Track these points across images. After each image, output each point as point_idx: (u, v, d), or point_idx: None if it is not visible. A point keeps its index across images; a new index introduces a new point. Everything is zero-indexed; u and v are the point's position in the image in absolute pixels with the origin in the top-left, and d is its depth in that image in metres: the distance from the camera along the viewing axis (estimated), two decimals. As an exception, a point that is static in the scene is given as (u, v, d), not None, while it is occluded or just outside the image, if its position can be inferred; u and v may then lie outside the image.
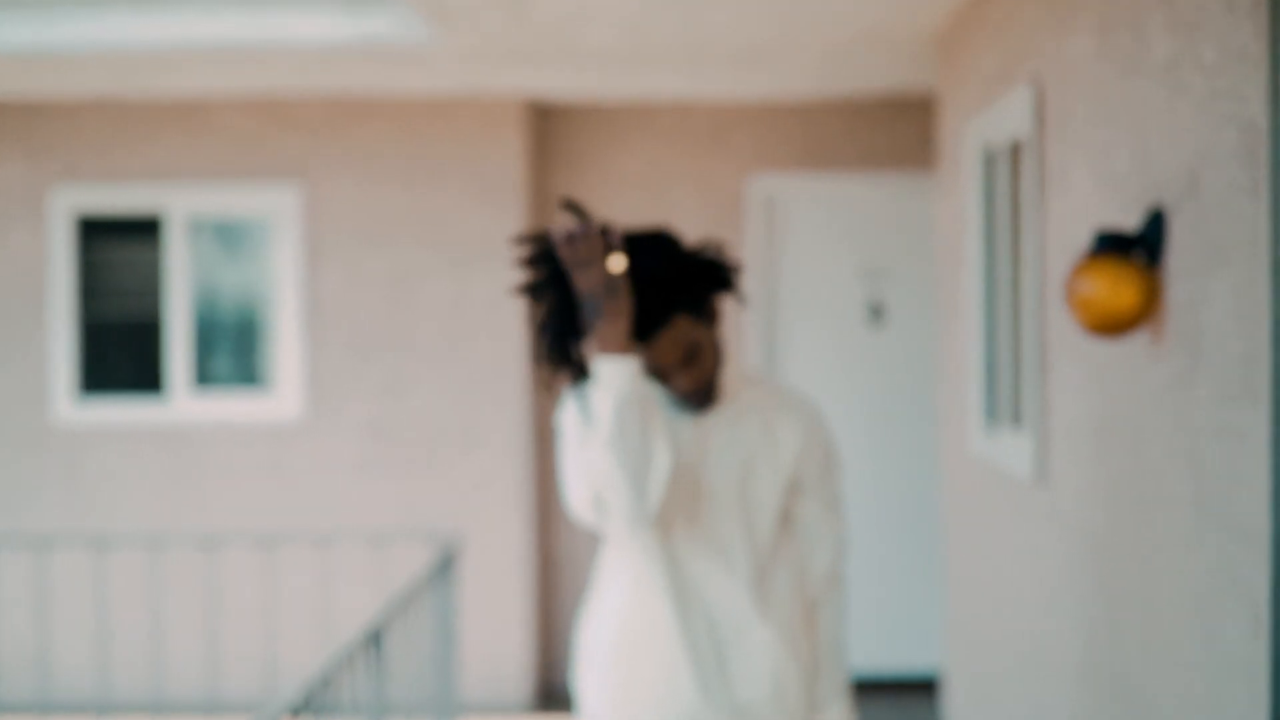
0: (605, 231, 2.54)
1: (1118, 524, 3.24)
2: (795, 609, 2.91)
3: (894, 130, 7.09)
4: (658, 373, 2.76)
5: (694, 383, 2.76)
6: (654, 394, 2.74)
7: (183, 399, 6.98)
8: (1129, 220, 3.12)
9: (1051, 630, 3.89)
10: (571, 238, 2.51)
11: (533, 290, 2.67)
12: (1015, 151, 4.39)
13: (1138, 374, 3.08)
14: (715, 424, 2.87)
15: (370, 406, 6.94)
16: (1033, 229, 4.00)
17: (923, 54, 5.95)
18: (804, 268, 7.13)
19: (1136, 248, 2.94)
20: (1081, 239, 3.53)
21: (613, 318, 2.54)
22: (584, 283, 2.52)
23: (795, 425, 2.90)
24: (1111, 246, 2.95)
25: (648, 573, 2.83)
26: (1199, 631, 2.71)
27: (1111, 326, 2.93)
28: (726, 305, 6.96)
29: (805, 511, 2.93)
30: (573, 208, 2.62)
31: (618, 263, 2.56)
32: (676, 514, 2.83)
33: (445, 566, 5.55)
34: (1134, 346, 3.10)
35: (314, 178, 6.95)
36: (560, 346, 2.66)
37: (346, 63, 6.24)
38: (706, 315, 2.78)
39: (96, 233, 7.03)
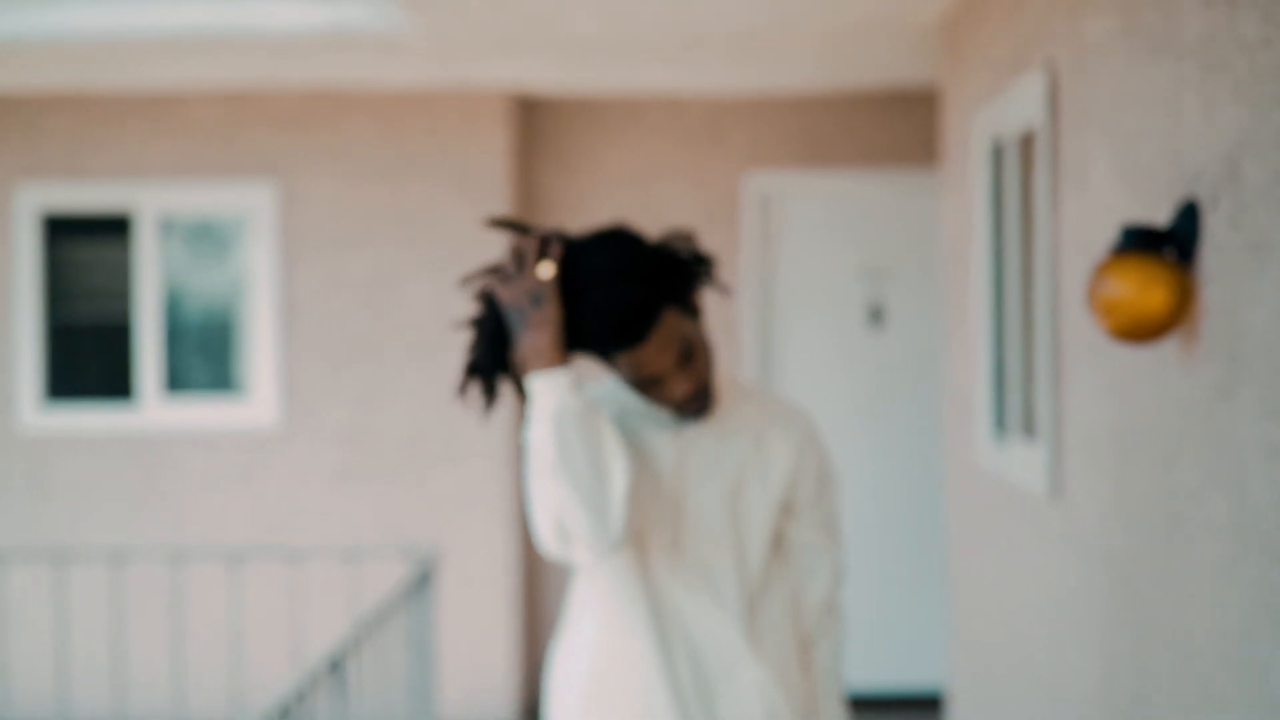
0: (545, 240, 2.39)
1: (1144, 547, 2.96)
2: (789, 643, 2.62)
3: (895, 125, 6.88)
4: (653, 383, 2.48)
5: (692, 384, 2.49)
6: (600, 403, 2.51)
7: (153, 406, 6.73)
8: (1157, 214, 2.84)
9: (1067, 657, 3.62)
10: (513, 258, 2.39)
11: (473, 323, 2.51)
12: (1026, 143, 4.11)
13: (1167, 383, 2.80)
14: (699, 438, 2.59)
15: (348, 414, 6.70)
16: (1045, 226, 3.73)
17: (925, 43, 5.71)
18: (801, 268, 6.92)
19: (1167, 244, 2.66)
20: (1100, 236, 3.26)
21: (538, 327, 2.35)
22: (507, 293, 2.37)
23: (788, 440, 2.62)
24: (1139, 243, 2.66)
25: (624, 605, 2.55)
26: (1238, 668, 2.43)
27: (1140, 331, 2.65)
28: (717, 309, 6.71)
29: (799, 536, 2.65)
30: (506, 225, 2.46)
31: (545, 270, 2.38)
32: (654, 539, 2.55)
33: (422, 583, 5.28)
34: (1164, 353, 2.82)
35: (289, 175, 6.71)
36: (492, 363, 2.47)
37: (322, 53, 6.05)
38: (692, 310, 2.53)
39: (63, 232, 6.80)
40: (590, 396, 2.47)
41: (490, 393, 2.47)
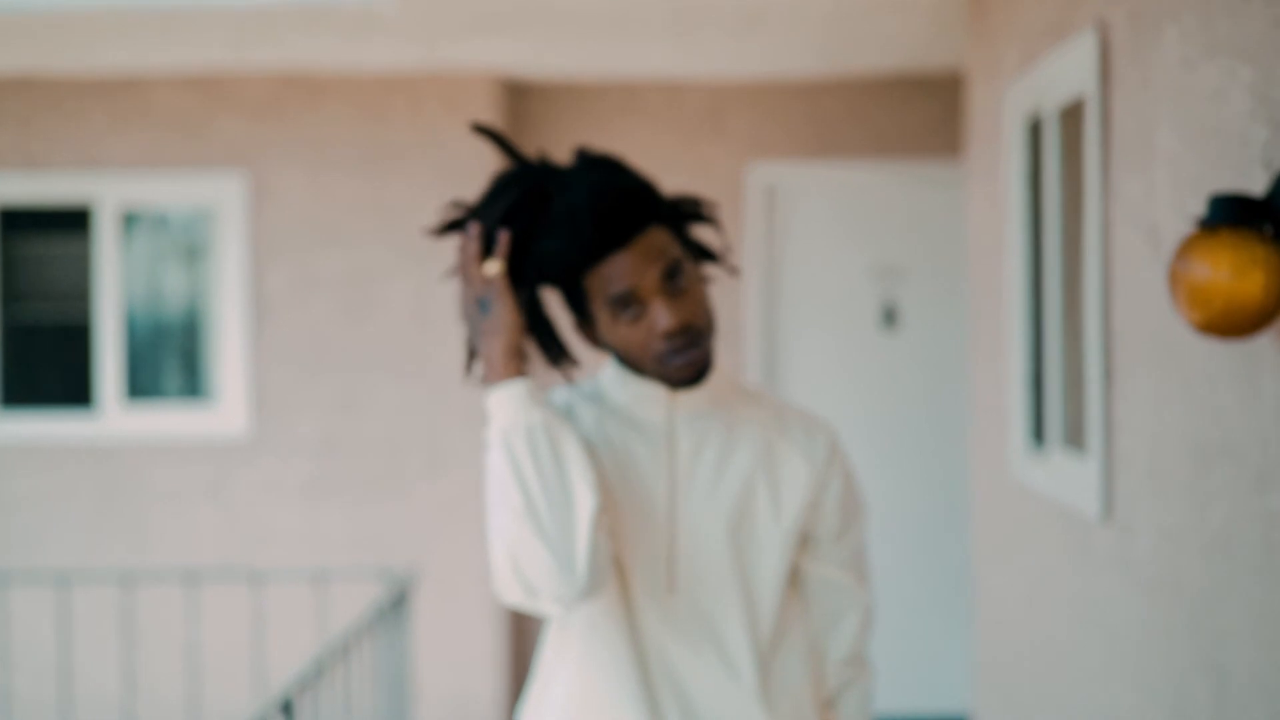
0: (489, 232, 2.05)
1: (1227, 582, 2.50)
2: (809, 707, 2.14)
3: (910, 111, 6.51)
4: (629, 310, 2.05)
5: (679, 318, 2.04)
6: (572, 410, 2.10)
7: (114, 413, 6.31)
8: (1244, 184, 2.38)
9: (1118, 696, 3.16)
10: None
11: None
12: (1068, 116, 3.64)
13: (1261, 387, 2.34)
14: (696, 453, 2.12)
15: (322, 422, 6.28)
16: (1095, 205, 3.27)
17: (944, 18, 5.29)
18: (809, 266, 6.54)
19: (1264, 219, 2.19)
20: (1167, 214, 2.80)
21: (488, 336, 2.02)
22: (461, 295, 2.08)
23: (806, 457, 2.15)
24: (1232, 216, 2.20)
25: (604, 661, 2.08)
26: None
27: (1232, 323, 2.18)
28: (718, 311, 6.28)
29: (819, 575, 2.17)
30: (491, 136, 2.13)
31: (491, 267, 2.05)
32: (642, 580, 2.08)
33: (396, 607, 4.82)
34: (1256, 350, 2.36)
35: (259, 165, 6.31)
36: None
37: (294, 33, 5.67)
38: (689, 244, 2.14)
39: (18, 226, 6.43)
40: (555, 408, 2.06)
41: (554, 356, 2.16)
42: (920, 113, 6.47)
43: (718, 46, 5.94)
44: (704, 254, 2.17)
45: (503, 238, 2.03)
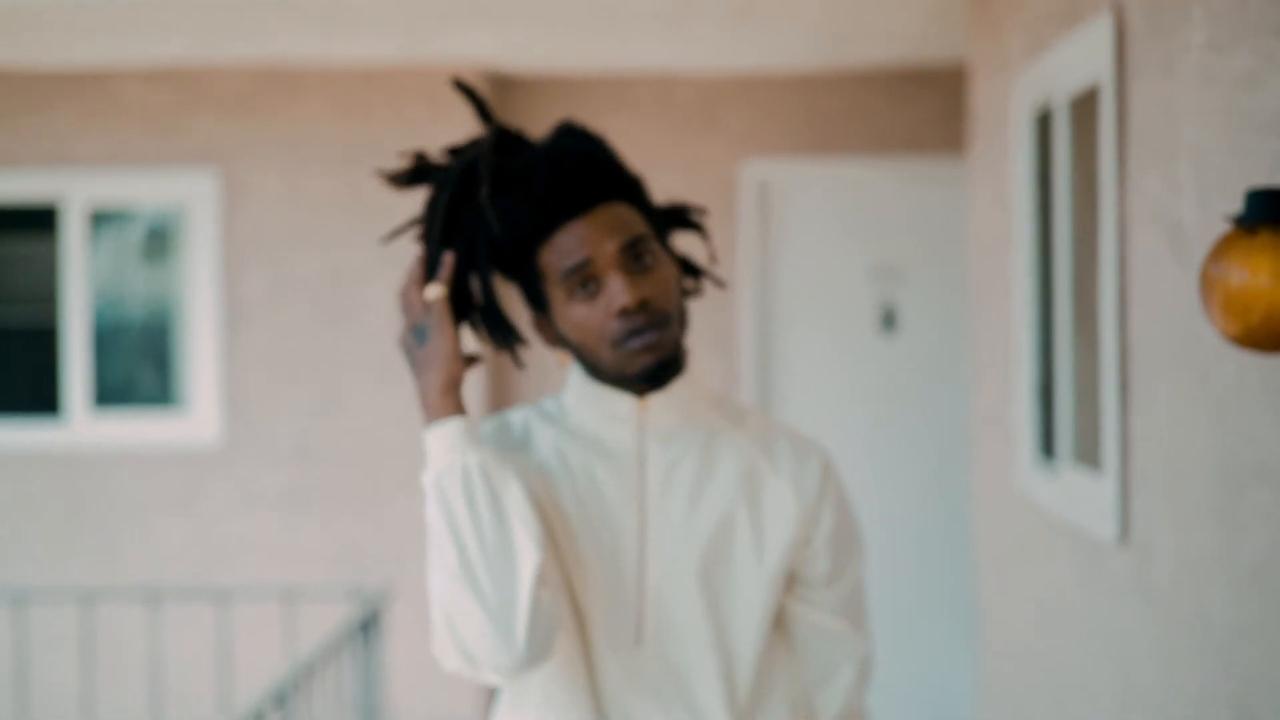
0: (433, 253, 1.85)
1: (1258, 619, 2.26)
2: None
3: (909, 106, 6.29)
4: (586, 287, 1.84)
5: (637, 294, 1.81)
6: (506, 463, 1.82)
7: (81, 420, 6.09)
8: (1283, 178, 2.14)
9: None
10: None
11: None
12: (1080, 107, 3.40)
13: (1304, 404, 2.09)
14: (668, 480, 1.88)
15: (298, 430, 6.06)
16: (1111, 201, 3.03)
17: (946, 8, 5.12)
18: (805, 267, 6.33)
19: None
20: (1190, 211, 2.56)
21: (424, 368, 1.82)
22: (400, 322, 1.90)
23: (795, 485, 1.90)
24: (1274, 214, 1.96)
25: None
26: None
27: (1275, 334, 1.94)
28: (710, 315, 6.05)
29: (809, 622, 1.92)
30: (469, 94, 1.96)
31: (432, 292, 1.85)
32: (605, 631, 1.83)
33: (368, 627, 4.58)
34: (1297, 363, 2.12)
35: (232, 163, 6.09)
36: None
37: (268, 25, 5.47)
38: (661, 232, 1.93)
39: (-18, 226, 6.17)
40: (497, 450, 1.83)
41: (502, 337, 1.94)
42: (920, 107, 6.25)
43: (710, 38, 5.75)
44: (689, 268, 1.97)
45: (447, 260, 1.83)
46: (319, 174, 6.07)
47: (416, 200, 2.02)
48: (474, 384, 6.02)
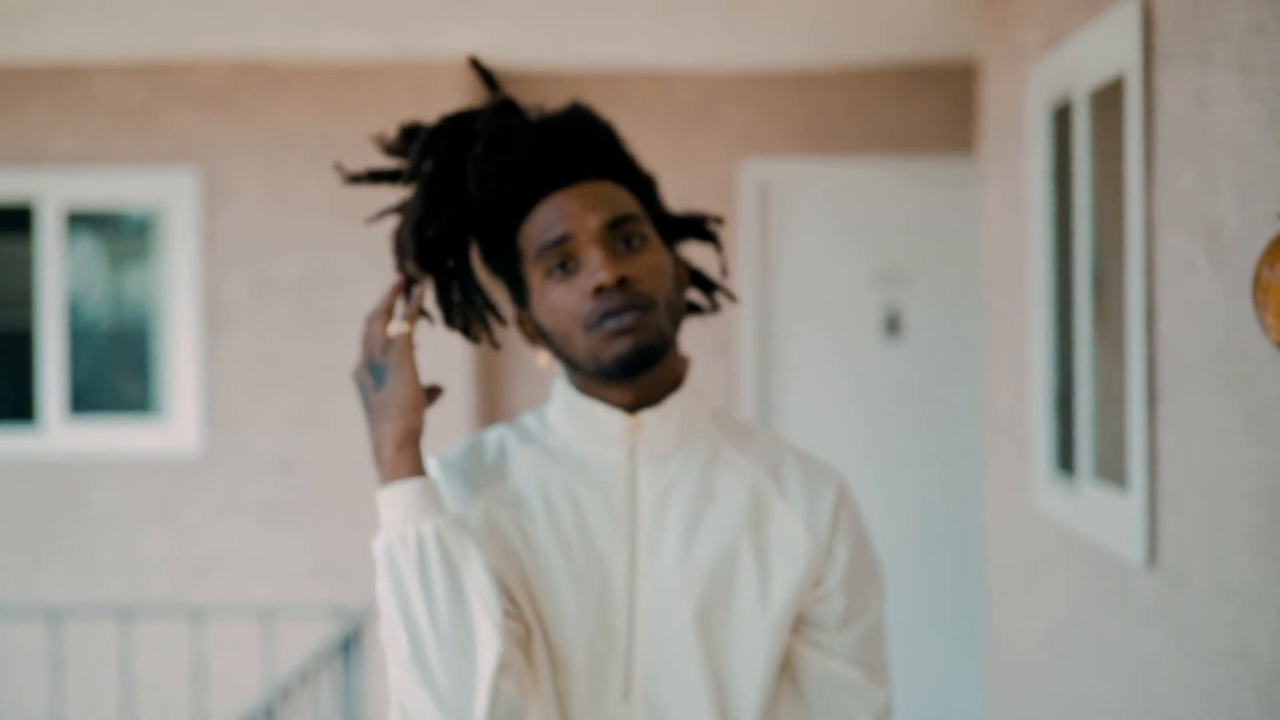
0: (408, 283, 1.67)
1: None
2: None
3: (915, 104, 6.08)
4: (565, 266, 1.65)
5: (616, 272, 1.61)
6: (467, 531, 1.60)
7: (56, 428, 5.88)
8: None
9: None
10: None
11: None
12: (1101, 100, 3.20)
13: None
14: (661, 508, 1.67)
15: (281, 438, 5.86)
16: (1138, 198, 2.82)
17: (952, 3, 4.89)
18: (806, 270, 6.13)
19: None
20: (1230, 210, 2.35)
21: (379, 415, 1.61)
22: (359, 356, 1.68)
23: (806, 518, 1.69)
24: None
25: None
26: None
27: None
28: (707, 319, 5.84)
29: (820, 671, 1.69)
30: (482, 72, 1.79)
31: (396, 327, 1.64)
32: (586, 684, 1.62)
33: (348, 645, 4.37)
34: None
35: (211, 161, 5.88)
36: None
37: (248, 18, 5.28)
38: (667, 237, 1.77)
39: (-47, 227, 5.99)
40: (454, 518, 1.59)
41: (477, 323, 1.76)
42: (925, 105, 6.05)
43: (708, 32, 5.55)
44: (700, 281, 1.80)
45: (418, 293, 1.64)
46: (302, 173, 5.86)
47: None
48: (461, 396, 5.81)
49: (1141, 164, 2.79)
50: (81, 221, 5.97)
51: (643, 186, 1.72)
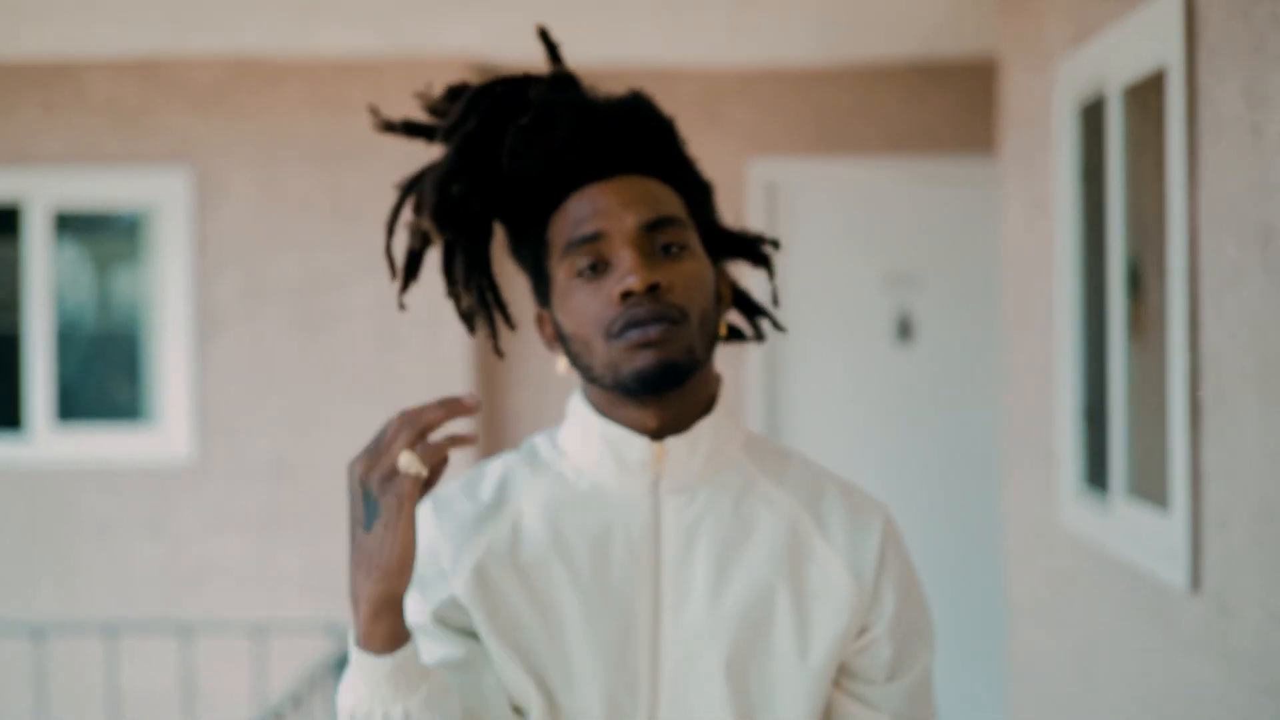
0: (413, 415, 1.36)
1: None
2: None
3: (927, 103, 5.93)
4: (594, 267, 1.48)
5: (649, 278, 1.43)
6: (443, 704, 1.41)
7: (43, 434, 5.73)
8: None
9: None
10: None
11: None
12: (1137, 95, 3.04)
13: None
14: (687, 548, 1.50)
15: (275, 445, 5.71)
16: (1179, 202, 2.65)
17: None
18: (815, 273, 6.01)
19: None
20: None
21: (362, 562, 1.35)
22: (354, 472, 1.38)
23: (850, 558, 1.52)
24: None
25: None
26: None
27: None
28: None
29: (864, 724, 1.52)
30: (547, 40, 1.67)
31: (410, 462, 1.33)
32: None
33: (344, 664, 4.20)
34: None
35: (204, 160, 5.73)
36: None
37: (241, 14, 5.15)
38: (713, 250, 1.59)
39: (-62, 228, 5.87)
40: (429, 694, 1.39)
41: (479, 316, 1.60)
42: (937, 103, 5.91)
43: (713, 30, 5.43)
44: (746, 304, 1.65)
45: (446, 440, 1.38)
46: (297, 172, 5.71)
47: (384, 210, 1.67)
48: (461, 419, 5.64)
49: (1184, 163, 2.64)
50: (71, 223, 5.82)
51: (695, 192, 1.56)
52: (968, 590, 5.83)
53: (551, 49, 1.64)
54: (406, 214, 1.61)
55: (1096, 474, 3.34)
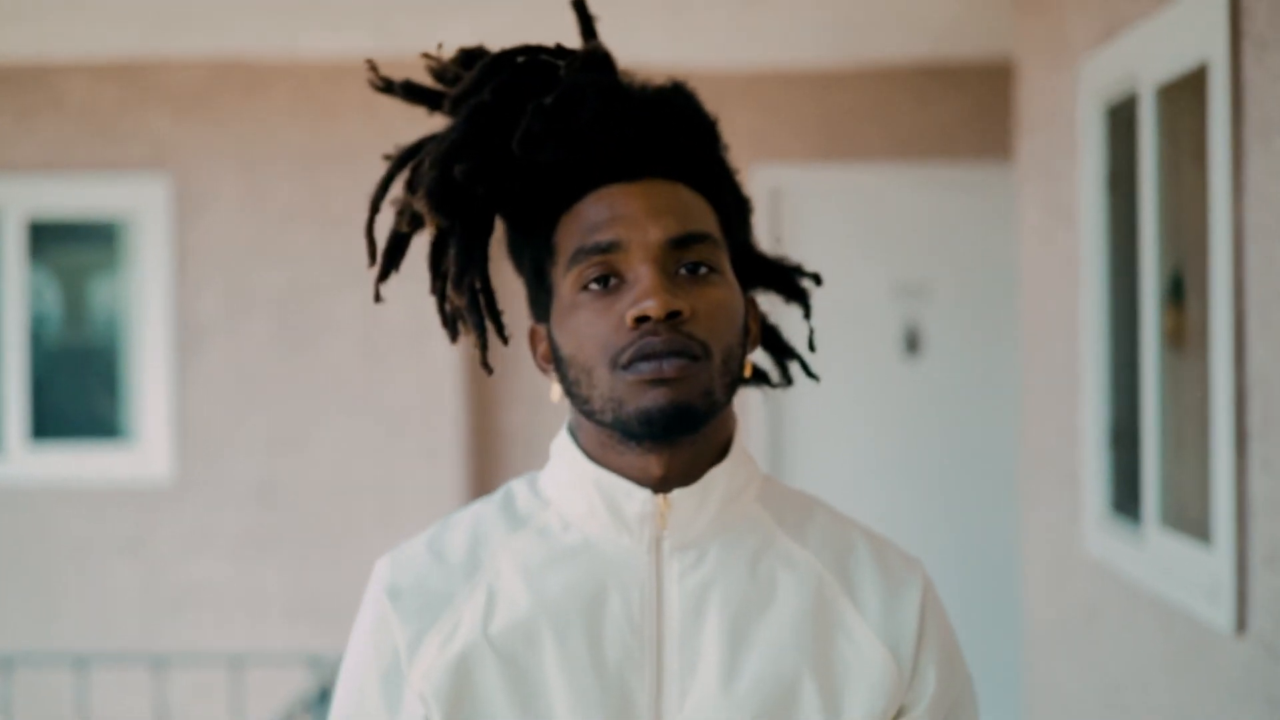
0: None
1: None
2: None
3: (938, 106, 5.83)
4: (608, 266, 1.28)
5: (669, 304, 1.25)
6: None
7: (17, 453, 5.67)
8: None
9: None
10: None
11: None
12: (1172, 94, 2.83)
13: None
14: (694, 619, 1.28)
15: (258, 464, 5.58)
16: (1223, 209, 2.44)
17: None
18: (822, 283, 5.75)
19: None
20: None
21: None
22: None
23: (885, 629, 1.31)
24: None
25: None
26: None
27: None
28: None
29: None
30: (582, 12, 1.49)
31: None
32: None
33: (325, 700, 4.02)
34: None
35: (185, 167, 5.63)
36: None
37: (224, 15, 5.09)
38: (737, 255, 1.39)
39: (-92, 238, 5.79)
40: None
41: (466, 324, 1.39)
42: (949, 107, 5.80)
43: (717, 31, 5.35)
44: (776, 344, 1.48)
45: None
46: (281, 179, 5.60)
47: (381, 215, 1.44)
48: (450, 420, 5.46)
49: (1229, 167, 2.43)
50: (46, 232, 5.73)
51: (731, 207, 1.36)
52: (979, 619, 5.66)
53: (586, 22, 1.45)
54: (396, 190, 1.39)
55: (1124, 500, 3.14)
